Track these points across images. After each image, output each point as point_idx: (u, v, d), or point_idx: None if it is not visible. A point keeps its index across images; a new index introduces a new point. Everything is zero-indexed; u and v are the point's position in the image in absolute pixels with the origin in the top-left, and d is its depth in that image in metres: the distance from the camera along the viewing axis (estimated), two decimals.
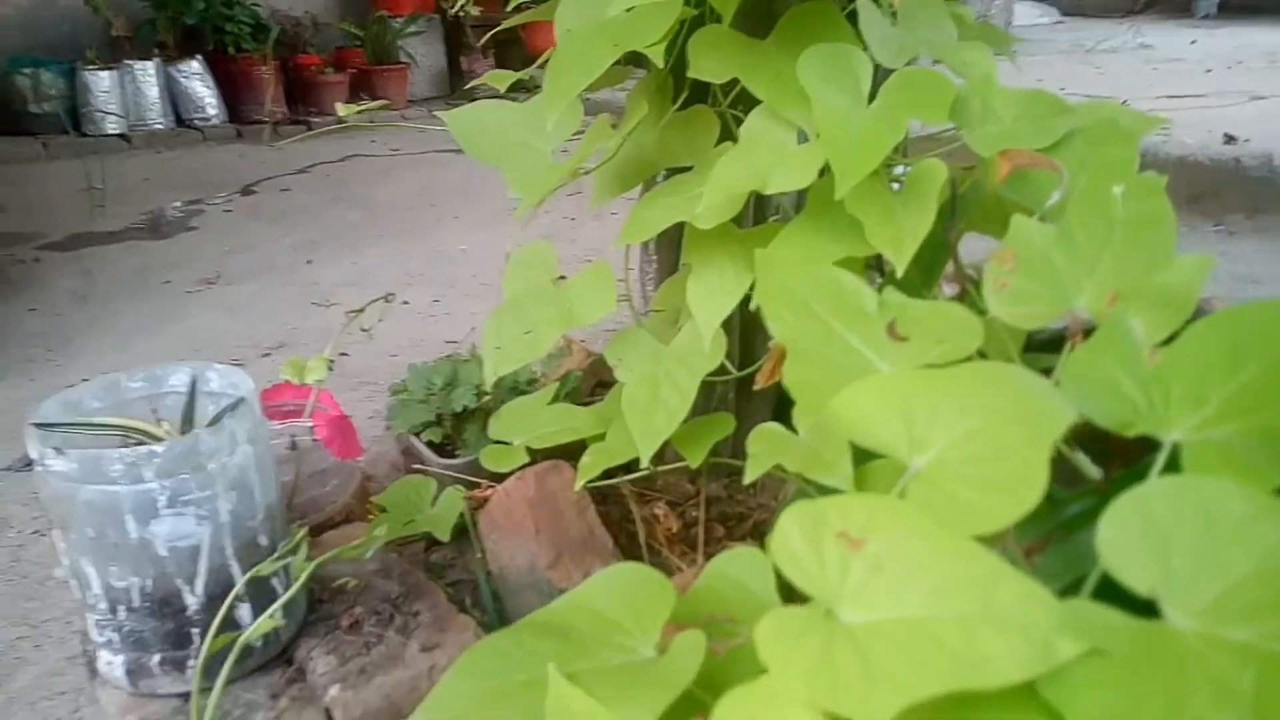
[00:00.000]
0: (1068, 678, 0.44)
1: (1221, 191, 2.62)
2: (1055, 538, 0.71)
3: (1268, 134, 2.79)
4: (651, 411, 0.99)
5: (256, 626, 0.84)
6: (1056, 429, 0.55)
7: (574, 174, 0.99)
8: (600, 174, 1.07)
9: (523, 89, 1.16)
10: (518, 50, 5.45)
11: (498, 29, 1.15)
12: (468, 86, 2.86)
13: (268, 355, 2.04)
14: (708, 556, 1.18)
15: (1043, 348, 0.80)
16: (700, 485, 1.30)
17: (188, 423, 0.93)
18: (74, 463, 0.81)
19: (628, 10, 0.88)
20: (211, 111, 4.77)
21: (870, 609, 0.50)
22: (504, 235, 2.93)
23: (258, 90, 4.82)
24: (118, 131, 4.52)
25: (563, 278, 1.07)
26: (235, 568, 0.89)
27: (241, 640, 0.84)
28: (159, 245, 2.95)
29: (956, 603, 0.48)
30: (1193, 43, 5.93)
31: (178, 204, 3.46)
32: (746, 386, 1.18)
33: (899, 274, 0.77)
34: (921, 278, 0.94)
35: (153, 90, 4.60)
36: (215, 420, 0.87)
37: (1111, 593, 0.51)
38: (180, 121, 4.75)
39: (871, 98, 0.86)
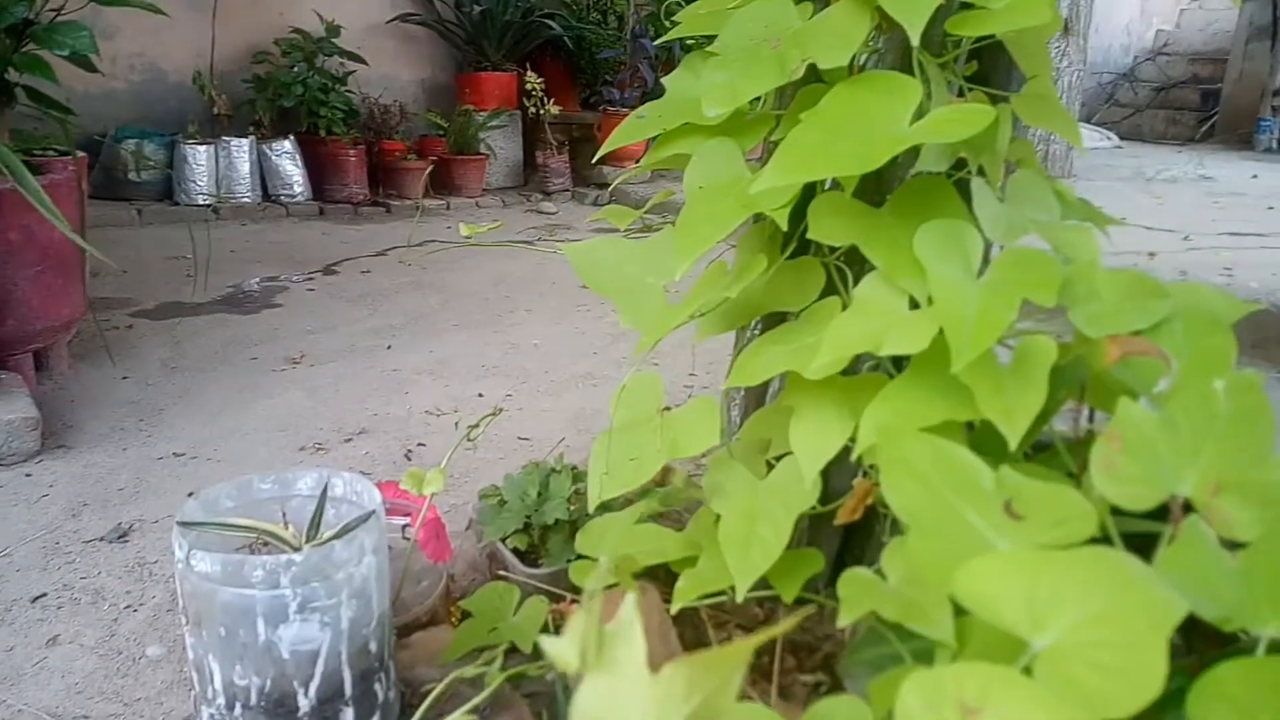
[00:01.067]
0: None
1: None
2: (1149, 713, 0.73)
3: None
4: (749, 546, 1.03)
5: None
6: (1172, 620, 0.58)
7: (691, 318, 1.06)
8: (707, 317, 1.14)
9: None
10: (590, 148, 5.65)
11: (606, 147, 1.22)
12: (590, 218, 3.02)
13: (350, 440, 2.12)
14: (780, 689, 1.21)
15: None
16: (769, 611, 1.32)
17: (314, 528, 0.99)
18: (217, 565, 0.87)
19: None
20: (298, 189, 5.00)
21: None
22: (574, 329, 3.02)
23: (343, 171, 5.04)
24: (208, 203, 4.74)
25: (668, 408, 1.12)
26: (346, 672, 0.94)
27: None
28: (245, 320, 3.08)
29: None
30: (1254, 177, 5.96)
31: (259, 279, 3.61)
32: (819, 516, 1.21)
33: (1012, 447, 0.81)
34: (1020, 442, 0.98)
35: (245, 166, 4.85)
36: (347, 530, 0.93)
37: None
38: (267, 196, 4.98)
39: (980, 272, 0.91)
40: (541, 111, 5.46)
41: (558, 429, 2.17)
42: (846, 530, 1.30)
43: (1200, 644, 0.73)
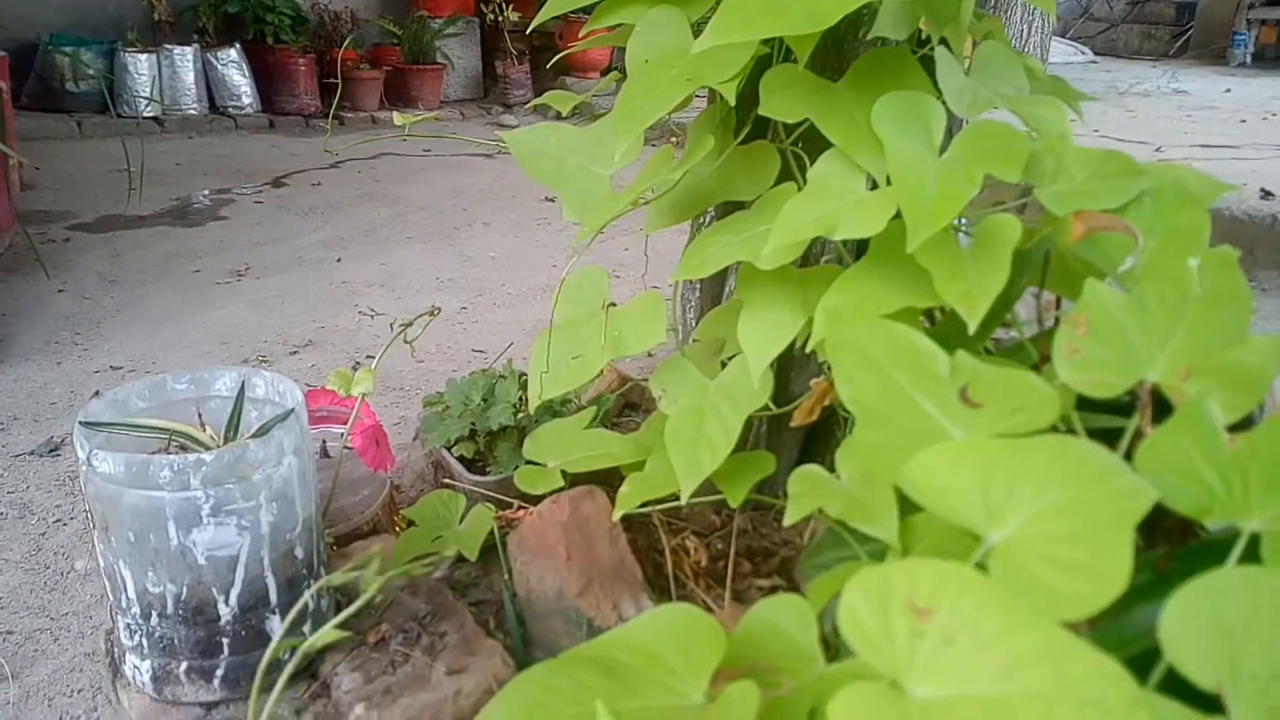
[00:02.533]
0: None
1: (1256, 247, 2.61)
2: (1110, 611, 0.70)
3: None
4: (695, 446, 0.98)
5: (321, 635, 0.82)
6: (1138, 511, 0.54)
7: (635, 204, 0.99)
8: (657, 203, 1.07)
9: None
10: (551, 57, 5.46)
11: (531, 29, 1.14)
12: (529, 104, 2.86)
13: (295, 353, 2.04)
14: (735, 593, 1.18)
15: (1095, 407, 0.79)
16: (727, 518, 1.29)
17: (232, 429, 0.93)
18: (121, 465, 0.80)
19: None
20: (246, 100, 4.80)
21: (941, 683, 0.49)
22: (533, 243, 2.93)
23: (293, 81, 4.84)
24: (152, 115, 4.54)
25: (613, 305, 1.06)
26: (271, 579, 0.88)
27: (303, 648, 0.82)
28: (189, 232, 2.96)
29: (1031, 679, 0.47)
30: (1227, 91, 5.90)
31: (208, 191, 3.47)
32: (777, 420, 1.17)
33: (971, 330, 0.76)
34: (979, 330, 0.93)
35: (189, 76, 4.64)
36: (263, 430, 0.87)
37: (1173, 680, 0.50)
38: (214, 108, 4.77)
39: (943, 148, 0.85)
40: (500, 18, 5.25)
41: (514, 341, 2.11)
42: (808, 435, 1.26)
43: (1164, 538, 0.69)
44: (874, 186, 0.88)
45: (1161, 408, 0.70)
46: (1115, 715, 0.43)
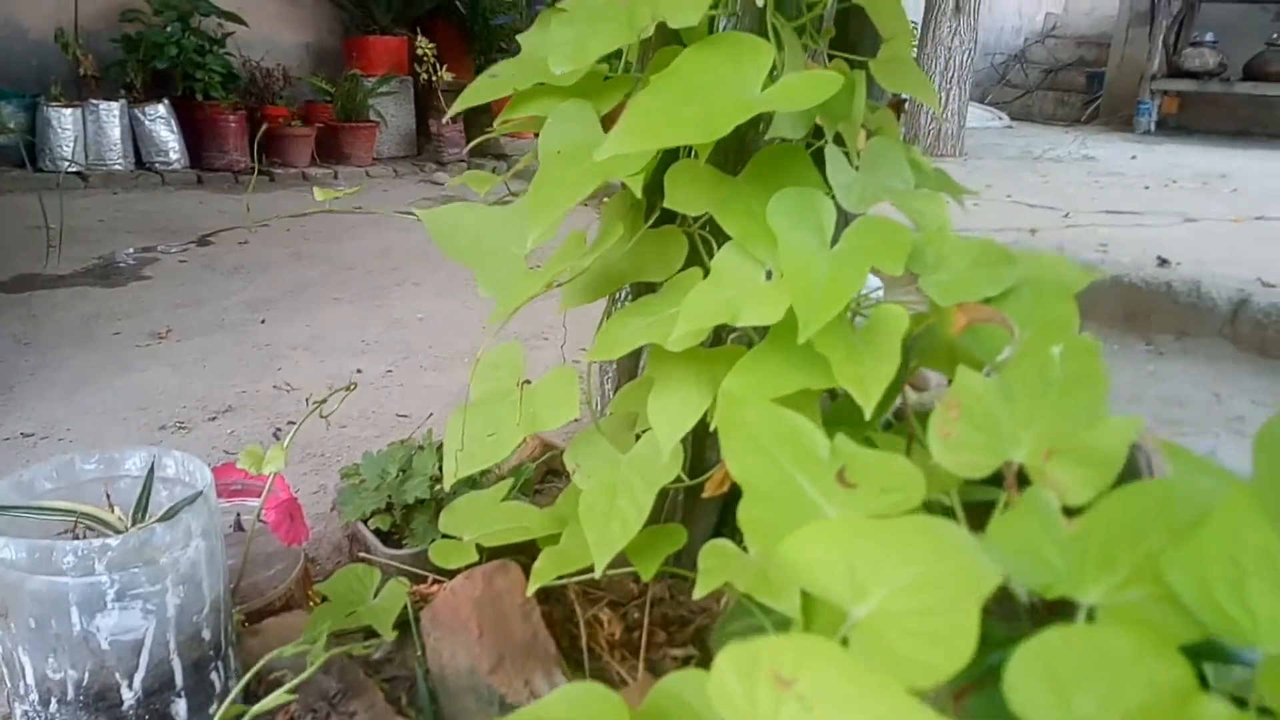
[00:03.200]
0: None
1: (1153, 312, 2.75)
2: (984, 682, 0.74)
3: (1197, 259, 2.94)
4: (608, 520, 1.00)
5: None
6: (985, 588, 0.58)
7: (548, 286, 1.02)
8: (572, 284, 1.10)
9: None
10: (485, 118, 5.53)
11: (446, 118, 1.18)
12: (445, 189, 2.92)
13: (214, 419, 2.02)
14: (649, 663, 1.20)
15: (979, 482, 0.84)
16: (644, 586, 1.31)
17: (141, 510, 0.93)
18: (23, 552, 0.80)
19: None
20: (174, 156, 4.76)
21: None
22: (462, 304, 2.95)
23: (222, 138, 4.82)
24: (75, 170, 4.47)
25: (528, 382, 1.09)
26: (176, 662, 0.88)
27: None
28: (110, 293, 2.91)
29: None
30: (1133, 158, 6.22)
31: (131, 250, 3.42)
32: (694, 490, 1.20)
33: (867, 415, 0.80)
34: (875, 411, 0.98)
35: (115, 131, 4.59)
36: (171, 514, 0.87)
37: None
38: (140, 164, 4.72)
39: (834, 240, 0.90)
40: (434, 78, 5.32)
41: (439, 406, 2.11)
42: (725, 503, 1.29)
43: (1030, 619, 0.74)
44: (772, 276, 0.93)
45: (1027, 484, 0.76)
46: None
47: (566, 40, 0.90)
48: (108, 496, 0.96)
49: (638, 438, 1.13)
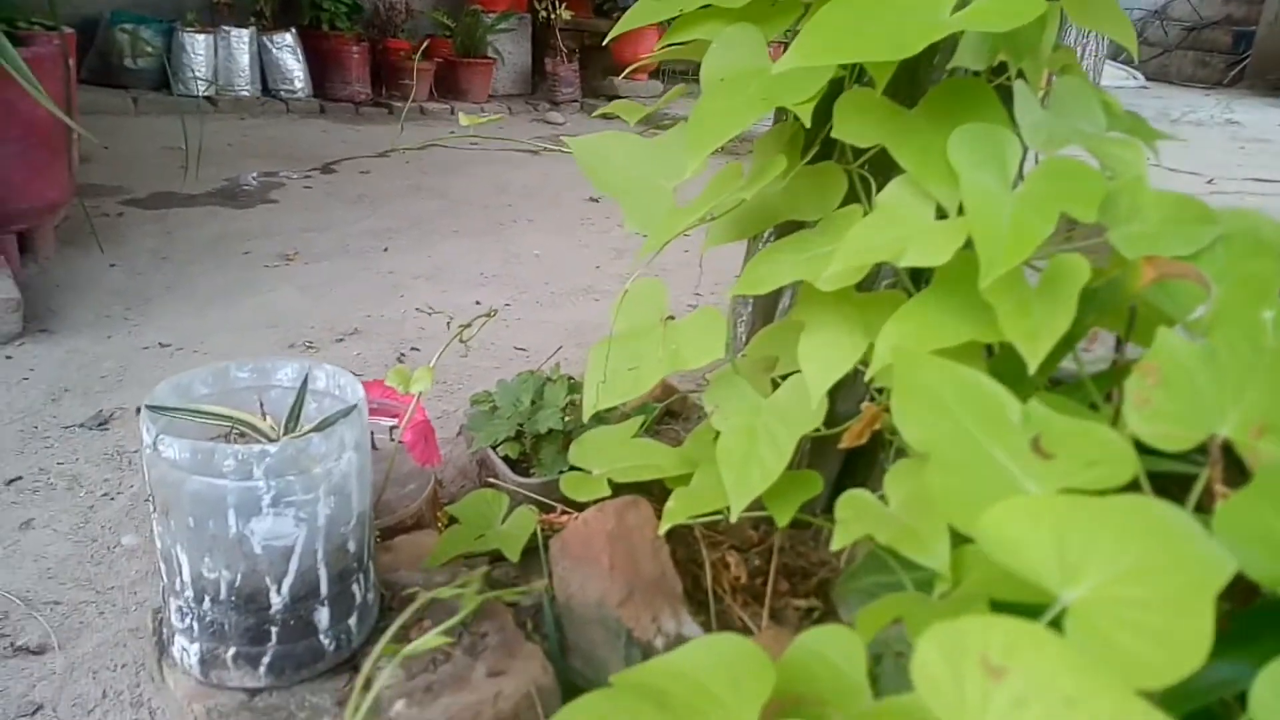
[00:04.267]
0: None
1: None
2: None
3: None
4: (747, 465, 0.98)
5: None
6: (1218, 580, 0.52)
7: (701, 220, 0.99)
8: (720, 219, 1.07)
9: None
10: (602, 57, 5.48)
11: (608, 37, 1.15)
12: (597, 114, 2.90)
13: (341, 340, 2.06)
14: (772, 611, 1.18)
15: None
16: (765, 534, 1.29)
17: (294, 420, 0.94)
18: (186, 452, 0.82)
19: None
20: (299, 85, 4.85)
21: None
22: (577, 243, 2.94)
23: (346, 69, 4.89)
24: (206, 94, 4.60)
25: (671, 318, 1.06)
26: (323, 571, 0.90)
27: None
28: (239, 214, 3.00)
29: None
30: None
31: (257, 174, 3.51)
32: (822, 439, 1.17)
33: (1031, 370, 0.75)
34: (1039, 370, 0.93)
35: (244, 58, 4.69)
36: (326, 424, 0.88)
37: None
38: (267, 91, 4.83)
39: (1016, 183, 0.84)
40: (553, 16, 5.27)
41: (556, 340, 2.11)
42: (849, 455, 1.25)
43: (1227, 595, 0.69)
44: (941, 216, 0.88)
45: (1231, 463, 0.69)
46: None
47: None
48: (260, 405, 0.98)
49: (774, 383, 1.10)
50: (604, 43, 1.23)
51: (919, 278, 0.97)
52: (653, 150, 1.10)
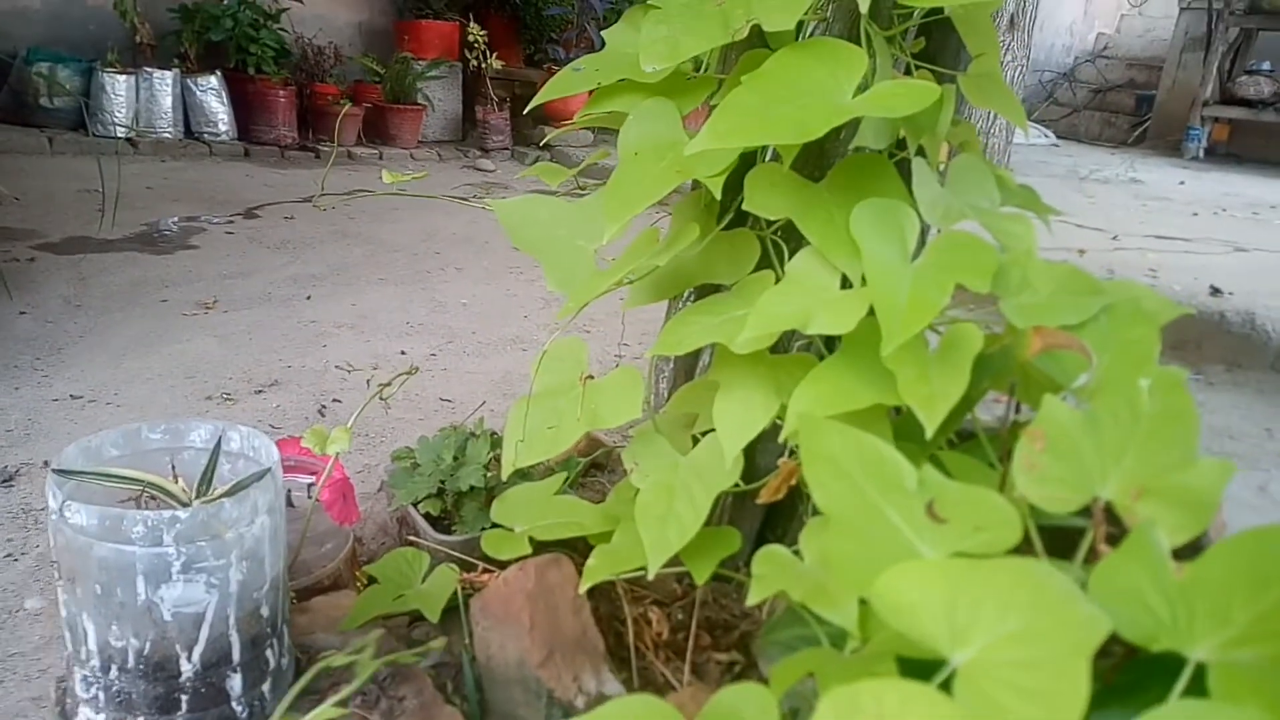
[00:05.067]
0: None
1: (1204, 342, 2.70)
2: None
3: (1250, 289, 2.89)
4: (665, 524, 1.00)
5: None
6: (1095, 640, 0.56)
7: (619, 283, 1.02)
8: (639, 282, 1.10)
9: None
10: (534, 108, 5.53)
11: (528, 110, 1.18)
12: (520, 174, 2.94)
13: (260, 392, 2.03)
14: (694, 666, 1.19)
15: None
16: (688, 587, 1.30)
17: (206, 483, 0.93)
18: (94, 518, 0.81)
19: None
20: (223, 127, 4.80)
21: None
22: (505, 292, 2.95)
23: (271, 112, 4.85)
24: (125, 136, 4.51)
25: (590, 377, 1.08)
26: (235, 637, 0.88)
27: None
28: (157, 260, 2.94)
29: None
30: (1181, 183, 6.13)
31: (178, 218, 3.45)
32: (741, 493, 1.20)
33: (928, 435, 0.79)
34: (938, 432, 0.97)
35: (167, 100, 4.63)
36: (239, 488, 0.87)
37: None
38: (190, 133, 4.76)
39: (915, 254, 0.89)
40: (483, 65, 5.32)
41: (482, 391, 2.12)
42: (769, 508, 1.28)
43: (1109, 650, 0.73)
44: (846, 285, 0.92)
45: (1116, 521, 0.74)
46: None
47: (659, 38, 0.89)
48: (173, 467, 0.96)
49: (694, 439, 1.12)
50: (525, 111, 1.26)
51: (831, 340, 1.01)
52: (574, 213, 1.13)
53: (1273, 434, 2.17)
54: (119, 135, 4.48)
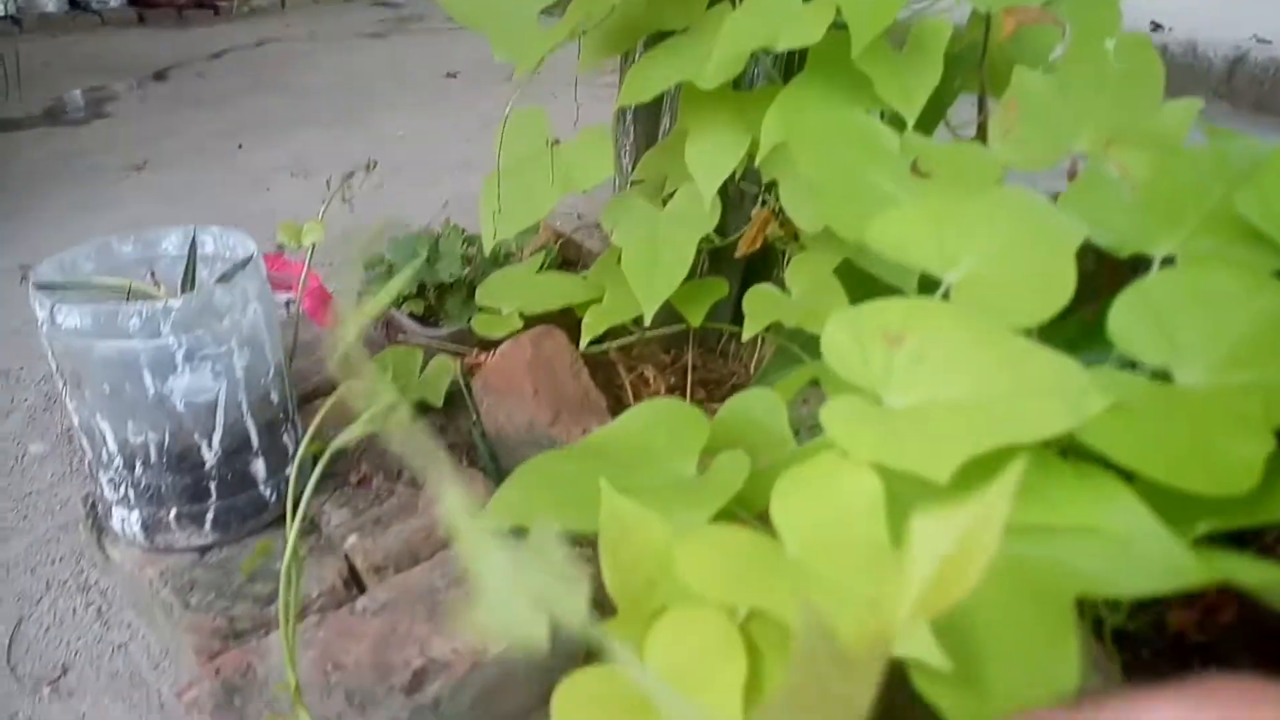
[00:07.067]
0: (1101, 427, 0.49)
1: None
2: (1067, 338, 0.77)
3: (1191, 25, 2.89)
4: (653, 272, 1.02)
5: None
6: (1074, 243, 0.60)
7: (570, 36, 0.99)
8: (590, 36, 1.07)
9: None
10: None
11: None
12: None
13: None
14: None
15: None
16: (676, 355, 1.34)
17: (189, 284, 0.92)
18: (88, 318, 0.80)
19: None
20: None
21: (914, 394, 0.54)
22: (441, 120, 2.86)
23: None
24: (7, 14, 4.19)
25: (556, 142, 1.07)
26: (250, 422, 0.90)
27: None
28: (75, 131, 2.80)
29: (994, 382, 0.52)
30: None
31: (84, 90, 3.26)
32: (718, 254, 1.22)
33: (909, 124, 0.80)
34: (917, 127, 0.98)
35: None
36: (226, 277, 0.87)
37: None
38: (75, 5, 4.43)
39: None
40: None
41: (438, 213, 2.08)
42: (746, 269, 1.30)
43: (1090, 297, 0.77)
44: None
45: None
46: (1073, 399, 0.49)
47: None
48: (152, 274, 0.95)
49: (664, 202, 1.13)
50: None
51: (790, 74, 1.01)
52: None
53: None
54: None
